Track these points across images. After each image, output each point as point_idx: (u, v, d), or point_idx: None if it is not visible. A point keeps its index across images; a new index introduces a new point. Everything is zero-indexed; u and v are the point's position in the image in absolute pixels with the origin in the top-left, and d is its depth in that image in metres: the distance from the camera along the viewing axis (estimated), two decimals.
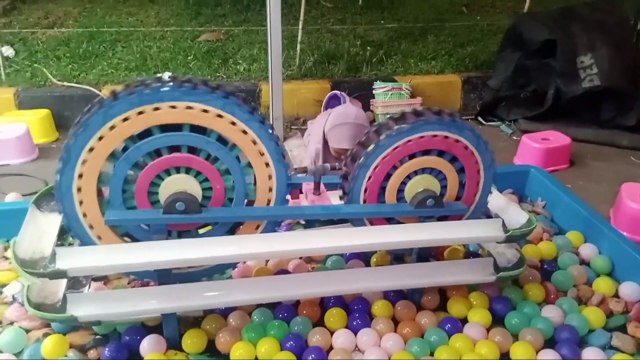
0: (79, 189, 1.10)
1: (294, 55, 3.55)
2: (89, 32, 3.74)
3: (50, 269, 1.08)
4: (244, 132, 1.17)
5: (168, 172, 1.17)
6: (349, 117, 2.06)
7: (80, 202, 1.11)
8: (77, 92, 3.14)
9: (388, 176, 1.32)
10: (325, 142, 2.17)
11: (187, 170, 1.18)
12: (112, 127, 1.09)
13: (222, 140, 1.19)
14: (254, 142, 1.18)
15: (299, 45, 3.53)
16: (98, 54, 3.53)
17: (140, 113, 1.09)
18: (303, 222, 1.69)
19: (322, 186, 1.35)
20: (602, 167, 2.72)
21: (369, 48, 3.78)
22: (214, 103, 1.13)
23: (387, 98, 3.25)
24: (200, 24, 3.99)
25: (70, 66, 3.37)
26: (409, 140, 1.27)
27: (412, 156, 1.31)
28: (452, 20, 4.31)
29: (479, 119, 3.34)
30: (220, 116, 1.13)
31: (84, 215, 1.14)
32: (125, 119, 1.09)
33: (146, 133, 1.14)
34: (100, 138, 1.09)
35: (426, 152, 1.32)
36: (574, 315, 1.47)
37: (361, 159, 1.28)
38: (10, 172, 2.53)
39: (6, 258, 1.68)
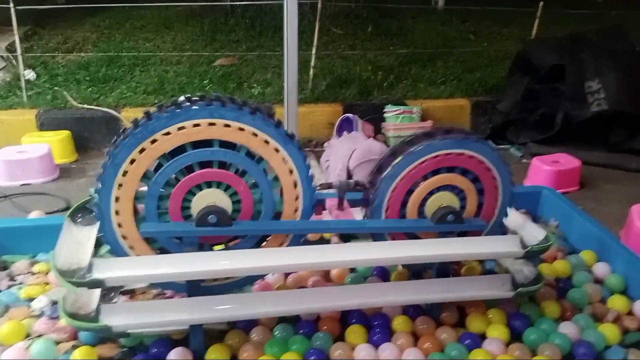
0: (117, 199, 1.15)
1: (307, 79, 3.64)
2: (108, 56, 3.84)
3: (88, 279, 1.12)
4: (269, 144, 1.22)
5: (199, 187, 1.23)
6: (374, 154, 2.10)
7: (117, 212, 1.17)
8: (96, 114, 3.21)
9: (409, 193, 1.37)
10: (349, 176, 2.21)
11: (218, 185, 1.24)
12: (153, 141, 1.14)
13: (250, 155, 1.24)
14: (285, 160, 1.24)
15: (311, 70, 3.62)
16: (117, 78, 3.63)
17: (168, 134, 1.16)
18: None
19: (345, 202, 1.40)
20: (612, 189, 2.75)
21: (379, 73, 3.87)
22: (244, 119, 1.18)
23: (398, 121, 3.32)
24: (215, 50, 4.10)
25: (90, 89, 3.46)
26: (423, 161, 1.32)
27: (430, 174, 1.36)
28: (460, 47, 4.40)
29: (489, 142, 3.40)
30: (243, 130, 1.19)
31: (119, 225, 1.19)
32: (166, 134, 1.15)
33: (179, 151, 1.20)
34: (142, 150, 1.15)
35: (443, 170, 1.37)
36: (590, 331, 1.49)
37: (382, 179, 1.33)
38: (32, 191, 2.58)
39: (33, 273, 1.73)
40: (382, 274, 1.68)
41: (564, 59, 3.10)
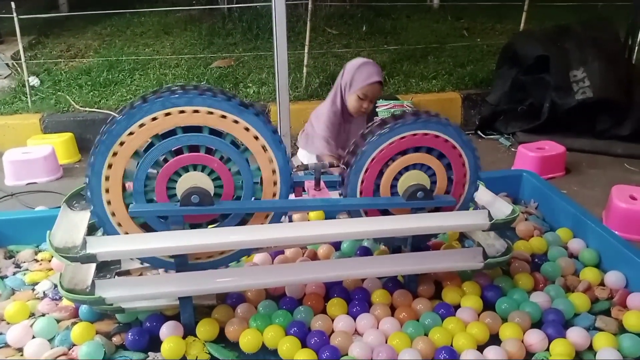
0: (107, 178, 1.26)
1: (301, 77, 3.74)
2: (109, 62, 3.98)
3: (82, 254, 1.23)
4: (247, 130, 1.32)
5: (185, 169, 1.33)
6: (367, 60, 2.22)
7: (107, 190, 1.27)
8: (98, 117, 3.34)
9: (381, 173, 1.46)
10: (342, 102, 2.25)
11: (202, 169, 1.33)
12: (141, 125, 1.25)
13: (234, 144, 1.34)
14: (262, 146, 1.34)
15: (305, 69, 3.73)
16: (117, 82, 3.76)
17: (155, 119, 1.26)
18: None
19: (322, 183, 1.49)
20: (597, 174, 2.82)
21: None
22: (228, 108, 1.28)
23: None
24: (212, 52, 4.23)
25: (91, 93, 3.60)
26: (391, 142, 1.42)
27: (401, 154, 1.45)
28: (453, 43, 4.49)
29: (479, 132, 3.48)
30: (224, 117, 1.29)
31: (108, 202, 1.29)
32: (154, 119, 1.26)
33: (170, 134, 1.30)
34: (131, 133, 1.25)
35: (414, 150, 1.46)
36: (560, 300, 1.57)
37: (356, 159, 1.43)
38: (37, 189, 2.71)
39: (37, 260, 1.84)
40: (365, 254, 1.77)
41: (549, 50, 3.19)
